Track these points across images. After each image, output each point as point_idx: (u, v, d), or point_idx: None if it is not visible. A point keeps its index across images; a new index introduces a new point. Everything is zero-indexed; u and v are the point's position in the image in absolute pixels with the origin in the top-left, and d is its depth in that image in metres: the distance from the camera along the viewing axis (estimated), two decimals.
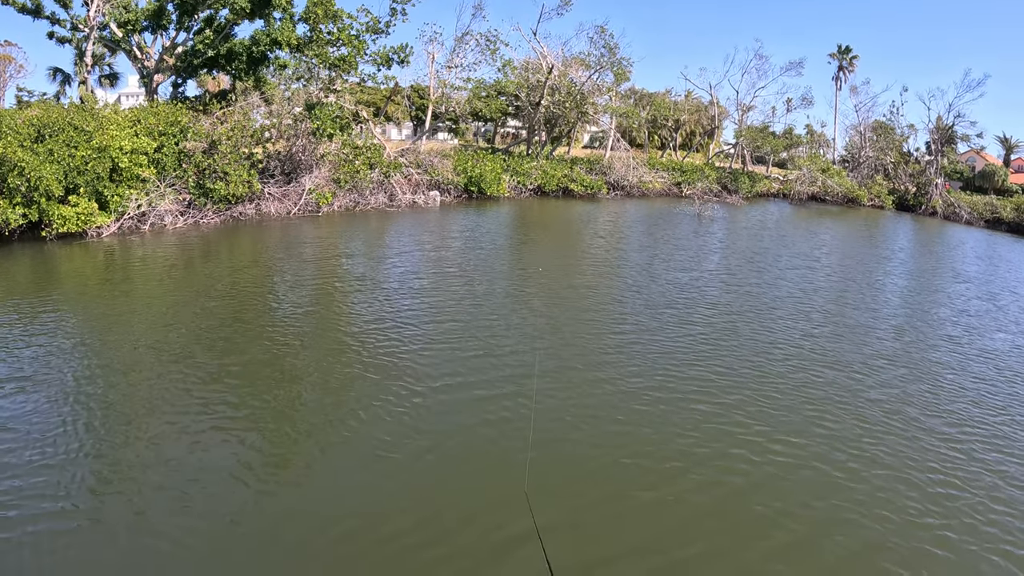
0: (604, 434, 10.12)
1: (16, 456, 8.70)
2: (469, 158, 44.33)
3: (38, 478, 8.24)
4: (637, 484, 8.83)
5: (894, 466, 9.67)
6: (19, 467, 8.45)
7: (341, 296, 17.82)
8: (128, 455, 8.96)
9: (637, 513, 8.27)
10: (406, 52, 35.66)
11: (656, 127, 73.70)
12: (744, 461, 9.56)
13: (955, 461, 10.00)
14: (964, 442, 10.63)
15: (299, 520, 7.69)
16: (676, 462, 9.45)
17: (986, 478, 9.56)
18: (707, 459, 9.58)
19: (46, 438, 9.18)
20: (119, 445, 9.20)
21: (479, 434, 10.08)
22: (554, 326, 15.46)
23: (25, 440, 9.10)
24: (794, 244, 32.13)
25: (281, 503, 8.11)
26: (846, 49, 75.01)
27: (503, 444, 9.72)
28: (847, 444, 10.25)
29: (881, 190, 61.11)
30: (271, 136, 32.99)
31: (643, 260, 25.31)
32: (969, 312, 20.24)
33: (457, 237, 27.85)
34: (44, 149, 22.06)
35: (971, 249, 38.13)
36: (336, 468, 8.95)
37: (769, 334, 15.90)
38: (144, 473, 8.53)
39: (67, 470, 8.45)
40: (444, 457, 9.27)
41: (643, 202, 49.68)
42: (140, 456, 8.94)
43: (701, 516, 8.26)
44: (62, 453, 8.83)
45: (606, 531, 7.85)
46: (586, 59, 51.33)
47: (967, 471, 9.72)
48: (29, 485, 8.08)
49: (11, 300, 15.64)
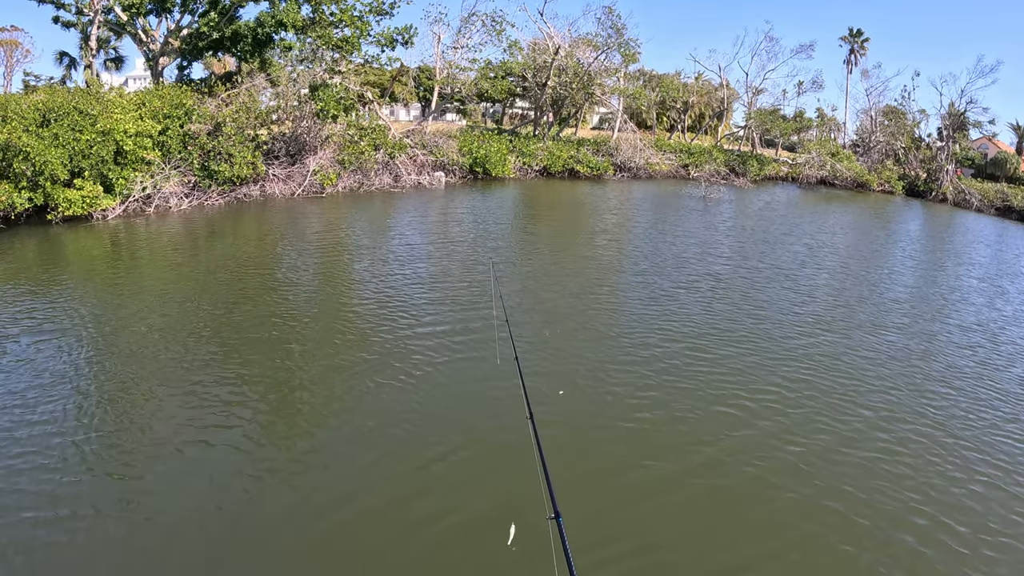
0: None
1: (16, 432, 9.04)
2: (475, 139, 44.33)
3: (37, 456, 8.56)
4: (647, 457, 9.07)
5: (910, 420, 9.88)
6: (19, 443, 8.78)
7: (342, 275, 18.19)
8: (132, 431, 9.31)
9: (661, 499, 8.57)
10: (410, 33, 35.61)
11: (665, 109, 73.23)
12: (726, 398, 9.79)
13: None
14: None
15: (303, 500, 7.98)
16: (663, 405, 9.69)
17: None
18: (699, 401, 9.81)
19: (48, 416, 9.52)
20: (123, 421, 9.55)
21: (482, 411, 10.45)
22: (561, 311, 15.66)
23: (26, 419, 9.43)
24: (799, 227, 32.05)
25: (286, 481, 8.41)
26: (857, 32, 73.91)
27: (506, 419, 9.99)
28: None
29: (891, 175, 60.58)
30: (278, 117, 33.18)
31: (648, 245, 25.36)
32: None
33: (457, 220, 28.01)
34: (49, 133, 22.32)
35: (979, 236, 37.95)
36: (339, 446, 9.26)
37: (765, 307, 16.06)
38: (148, 449, 8.86)
39: (67, 447, 8.77)
40: (448, 435, 9.54)
41: (650, 184, 49.58)
42: (144, 432, 9.30)
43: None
44: (63, 431, 9.15)
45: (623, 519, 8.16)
46: (593, 40, 51.03)
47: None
48: (27, 463, 8.40)
49: (18, 280, 16.10)
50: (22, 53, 63.23)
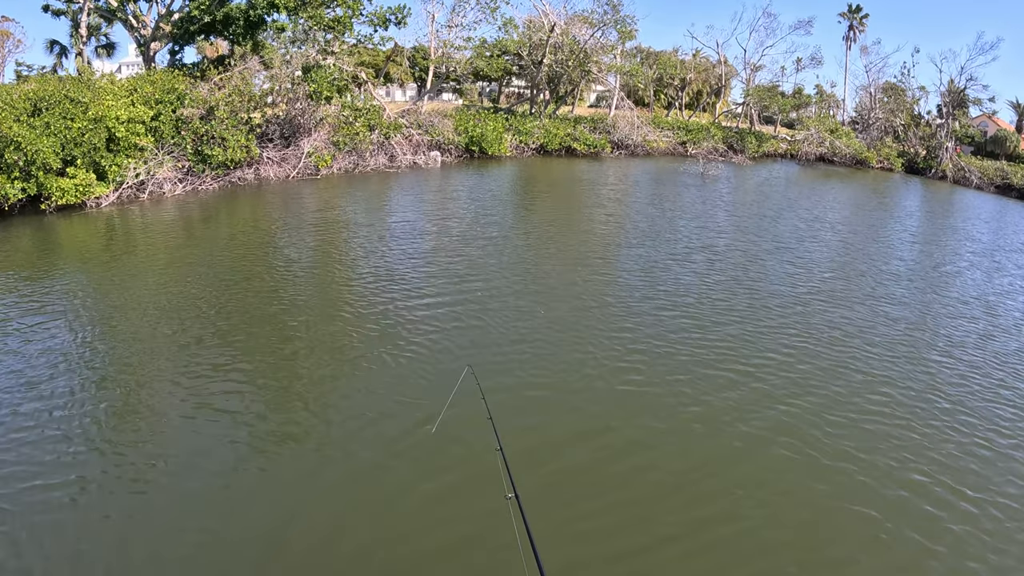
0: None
1: (12, 423, 9.19)
2: (471, 118, 44.12)
3: (33, 447, 8.72)
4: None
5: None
6: (15, 434, 8.94)
7: (336, 254, 18.38)
8: (129, 418, 9.51)
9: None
10: (403, 13, 35.27)
11: (663, 86, 72.67)
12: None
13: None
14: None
15: (301, 488, 8.19)
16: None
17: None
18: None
19: (46, 406, 9.69)
20: (119, 410, 9.73)
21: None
22: (554, 289, 15.74)
23: (23, 409, 9.59)
24: (797, 203, 31.98)
25: (285, 470, 8.60)
26: (856, 8, 73.00)
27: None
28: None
29: (891, 152, 60.36)
30: (272, 100, 33.02)
31: (645, 222, 25.34)
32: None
33: (453, 198, 28.01)
34: (41, 123, 22.25)
35: (978, 214, 37.92)
36: (334, 433, 9.45)
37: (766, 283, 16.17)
38: (145, 437, 9.04)
39: (63, 438, 8.93)
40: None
41: (647, 161, 49.42)
42: (144, 409, 9.62)
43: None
44: (61, 420, 9.33)
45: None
46: (589, 17, 50.54)
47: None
48: (23, 455, 8.54)
49: (13, 270, 16.25)
50: (14, 43, 62.68)
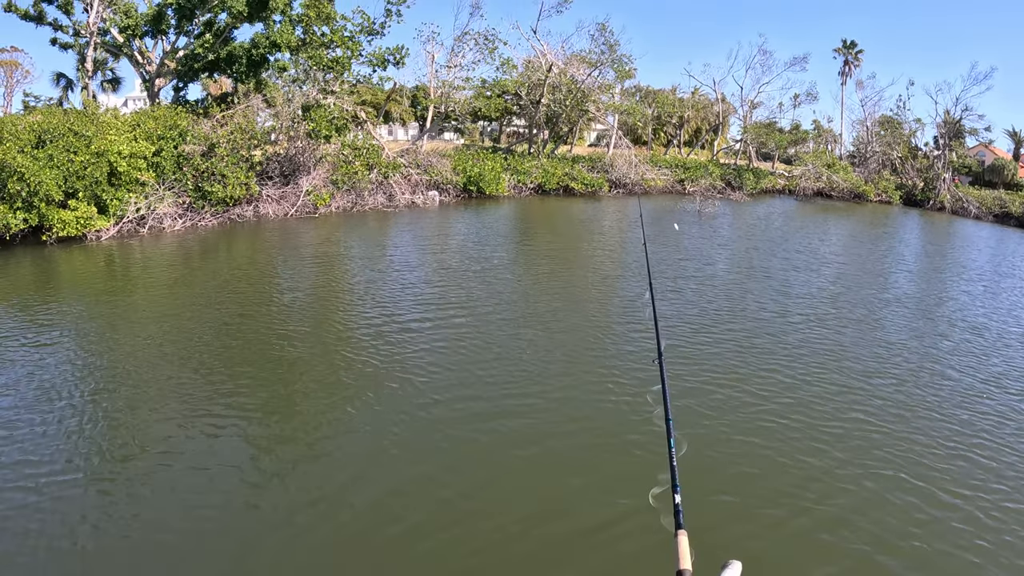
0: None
1: (11, 450, 9.19)
2: (469, 157, 44.68)
3: (28, 474, 8.62)
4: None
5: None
6: (17, 443, 8.95)
7: (335, 290, 18.33)
8: (125, 438, 9.44)
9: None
10: (401, 53, 36.06)
11: (661, 124, 73.69)
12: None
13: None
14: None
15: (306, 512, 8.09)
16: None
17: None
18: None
19: (43, 434, 9.60)
20: (117, 429, 9.67)
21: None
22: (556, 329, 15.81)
23: (20, 436, 9.51)
24: (793, 239, 32.21)
25: (284, 498, 8.40)
26: (851, 43, 74.49)
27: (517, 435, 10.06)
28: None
29: (888, 185, 60.84)
30: (275, 138, 33.61)
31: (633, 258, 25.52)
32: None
33: (451, 235, 28.28)
34: (44, 155, 22.67)
35: (980, 243, 38.03)
36: (329, 464, 9.26)
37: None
38: (145, 466, 8.90)
39: (63, 449, 8.94)
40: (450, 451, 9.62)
41: (645, 200, 49.76)
42: (138, 437, 9.45)
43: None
44: (57, 448, 9.23)
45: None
46: (587, 57, 51.55)
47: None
48: (20, 480, 8.47)
49: (14, 299, 16.37)
50: (22, 74, 64.27)
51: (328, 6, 33.17)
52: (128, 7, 31.77)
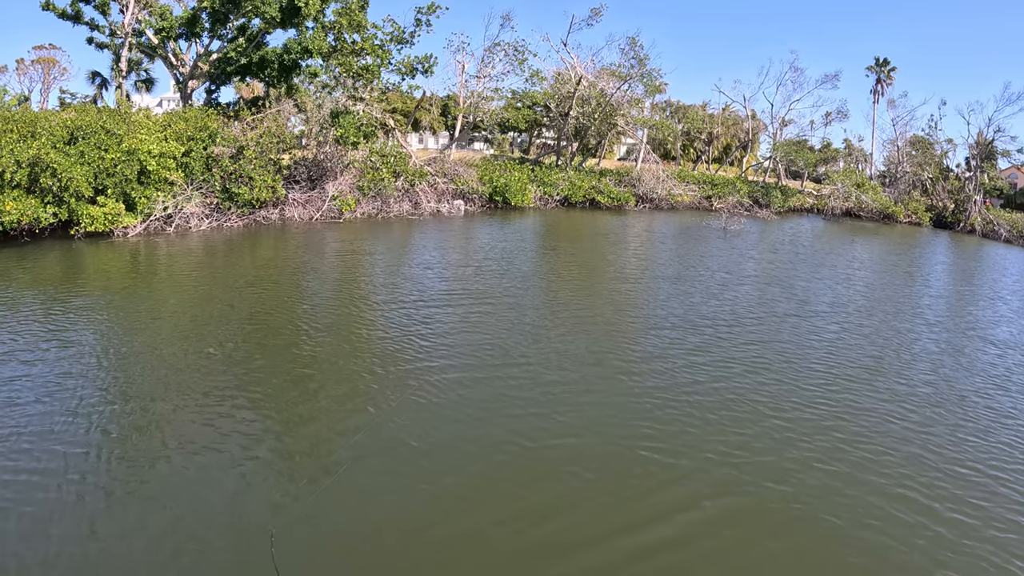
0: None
1: (29, 441, 9.05)
2: (495, 168, 44.68)
3: (47, 462, 8.55)
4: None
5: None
6: (32, 450, 8.79)
7: (357, 295, 18.21)
8: (145, 431, 9.41)
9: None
10: (430, 62, 36.11)
11: (690, 140, 73.33)
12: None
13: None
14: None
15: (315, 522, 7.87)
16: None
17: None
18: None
19: (62, 423, 9.54)
20: (136, 421, 9.65)
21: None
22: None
23: (40, 424, 9.47)
24: (821, 262, 31.59)
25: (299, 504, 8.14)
26: (884, 61, 73.54)
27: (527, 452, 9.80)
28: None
29: (918, 207, 59.74)
30: (306, 142, 33.83)
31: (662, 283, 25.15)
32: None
33: (475, 248, 28.11)
34: (76, 151, 22.94)
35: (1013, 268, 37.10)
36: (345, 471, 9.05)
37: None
38: (160, 462, 8.76)
39: (79, 455, 8.75)
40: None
41: (671, 215, 49.34)
42: (156, 431, 9.41)
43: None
44: (77, 436, 9.17)
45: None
46: (616, 70, 51.39)
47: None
48: (38, 470, 8.38)
49: (41, 289, 16.59)
50: (59, 71, 65.56)
51: (360, 14, 33.35)
52: (163, 9, 32.20)
